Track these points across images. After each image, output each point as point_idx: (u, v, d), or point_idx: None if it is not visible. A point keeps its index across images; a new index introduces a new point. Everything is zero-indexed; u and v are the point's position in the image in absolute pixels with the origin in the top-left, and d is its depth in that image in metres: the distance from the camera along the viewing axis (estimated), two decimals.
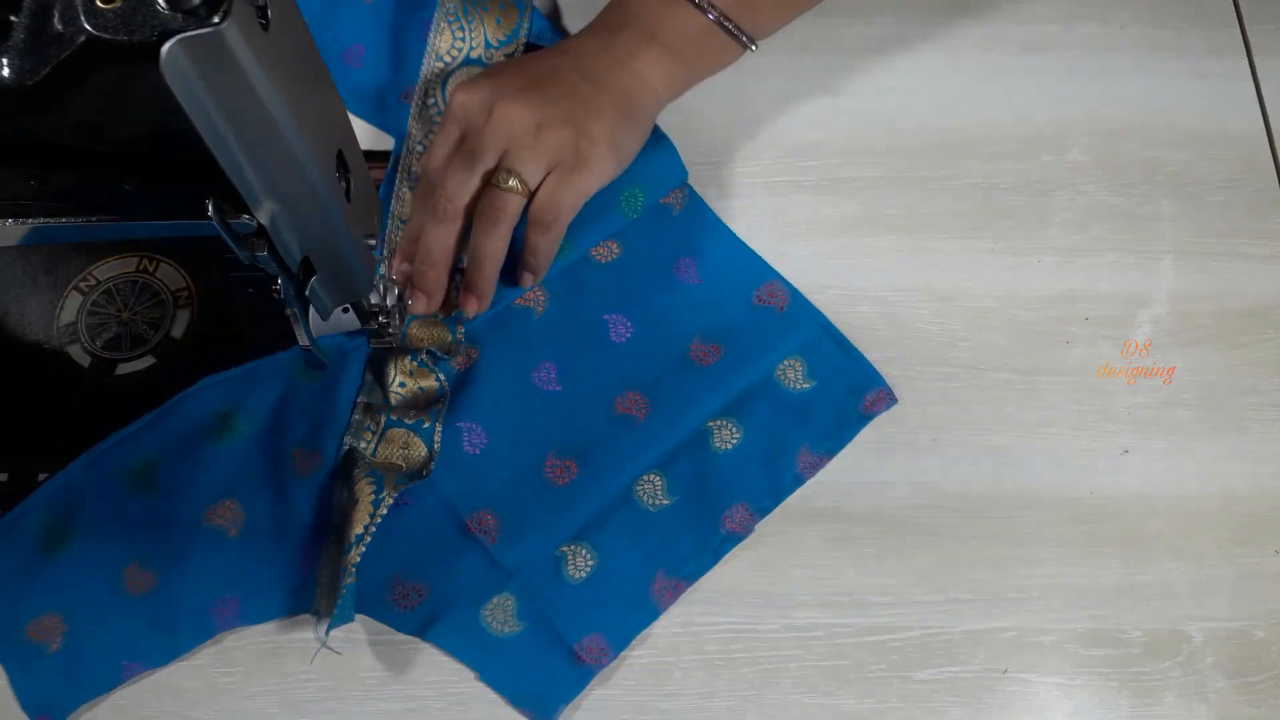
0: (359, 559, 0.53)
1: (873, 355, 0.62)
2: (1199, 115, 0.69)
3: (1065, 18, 0.72)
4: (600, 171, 0.57)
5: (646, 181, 0.63)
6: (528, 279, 0.60)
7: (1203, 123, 0.69)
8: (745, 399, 0.60)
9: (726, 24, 0.58)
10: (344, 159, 0.44)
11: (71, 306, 0.61)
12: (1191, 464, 0.61)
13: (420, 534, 0.58)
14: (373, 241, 0.51)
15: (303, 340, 0.55)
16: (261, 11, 0.32)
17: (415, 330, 0.61)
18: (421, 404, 0.59)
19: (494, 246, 0.56)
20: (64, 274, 0.62)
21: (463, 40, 0.65)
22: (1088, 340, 0.63)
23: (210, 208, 0.37)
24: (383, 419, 0.58)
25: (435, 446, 0.58)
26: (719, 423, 0.60)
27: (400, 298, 0.58)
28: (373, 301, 0.56)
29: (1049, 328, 0.63)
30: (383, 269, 0.56)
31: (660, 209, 0.64)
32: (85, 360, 0.60)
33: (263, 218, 0.39)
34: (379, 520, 0.54)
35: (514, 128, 0.54)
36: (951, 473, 0.60)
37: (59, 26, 0.29)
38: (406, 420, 0.58)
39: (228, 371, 0.59)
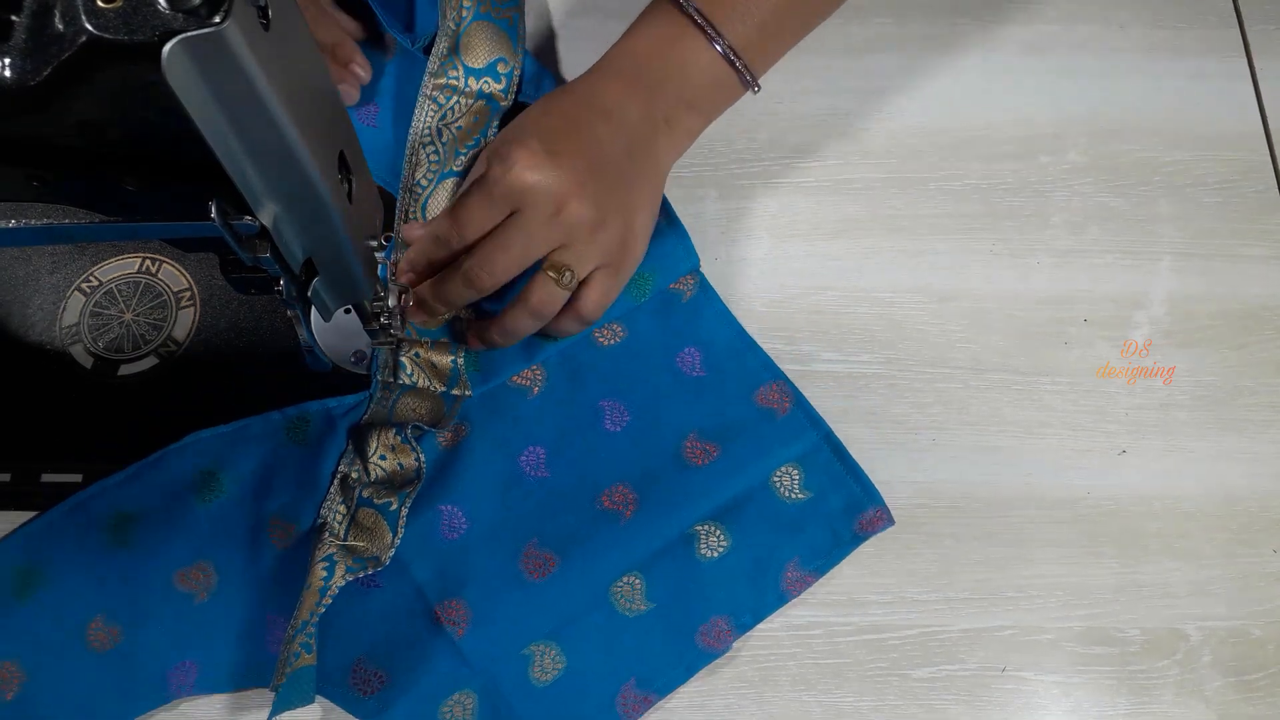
0: (299, 649, 0.52)
1: (872, 355, 0.62)
2: (1198, 116, 0.69)
3: (1065, 18, 0.72)
4: (638, 261, 0.59)
5: (657, 265, 0.62)
6: (560, 335, 0.60)
7: (1202, 124, 0.69)
8: (737, 505, 0.58)
9: (737, 64, 0.57)
10: (345, 160, 0.45)
11: (74, 307, 0.61)
12: (1189, 464, 0.61)
13: (388, 618, 0.56)
14: (374, 243, 0.51)
15: (304, 340, 0.55)
16: (262, 11, 0.32)
17: (409, 399, 0.59)
18: (397, 483, 0.58)
19: (528, 328, 0.57)
20: (66, 275, 0.62)
21: (469, 2, 0.65)
22: (1086, 341, 0.63)
23: (213, 209, 0.38)
24: (356, 493, 0.57)
25: (399, 532, 0.57)
26: (707, 528, 0.58)
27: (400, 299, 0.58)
28: (375, 303, 0.56)
29: (1048, 328, 0.64)
30: (386, 272, 0.56)
31: (669, 295, 0.63)
32: (87, 361, 0.60)
33: (265, 219, 0.39)
34: (323, 609, 0.53)
35: (576, 227, 0.54)
36: (951, 473, 0.60)
37: (60, 26, 0.29)
38: (376, 500, 0.57)
39: (216, 428, 0.58)
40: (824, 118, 0.69)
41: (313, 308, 0.50)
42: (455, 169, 0.63)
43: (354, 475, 0.57)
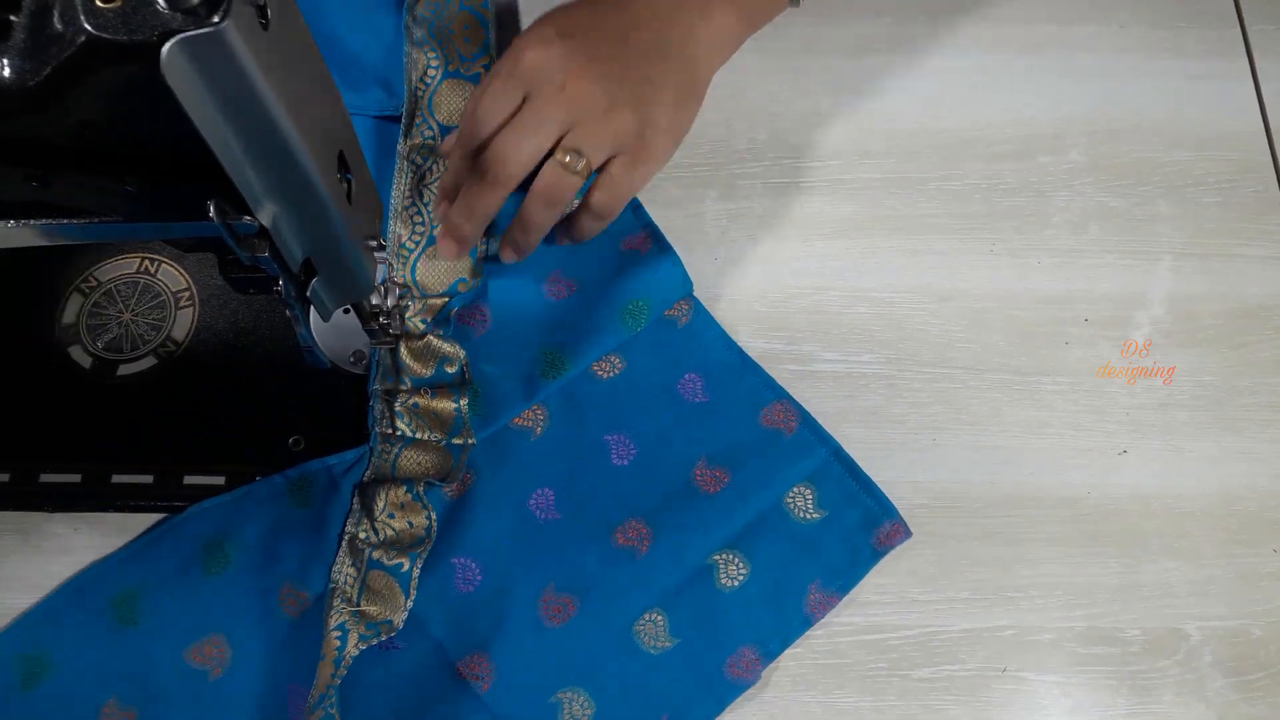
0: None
1: (872, 355, 0.62)
2: (1198, 116, 0.69)
3: (1065, 18, 0.72)
4: (660, 159, 0.55)
5: (651, 293, 0.61)
6: (563, 241, 0.59)
7: (1201, 123, 0.69)
8: (752, 530, 0.57)
9: None
10: (345, 159, 0.45)
11: (73, 308, 0.61)
12: (1189, 464, 0.61)
13: (410, 679, 0.55)
14: (374, 243, 0.51)
15: (303, 340, 0.55)
16: (261, 11, 0.32)
17: (412, 453, 0.58)
18: (405, 543, 0.57)
19: (548, 220, 0.55)
20: (65, 275, 0.62)
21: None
22: (1086, 341, 0.63)
23: (212, 208, 0.38)
24: (366, 555, 0.56)
25: (412, 594, 0.55)
26: (724, 556, 0.57)
27: (399, 297, 0.57)
28: (374, 303, 0.56)
29: (1048, 328, 0.63)
30: (385, 271, 0.56)
31: (664, 322, 0.62)
32: (86, 361, 0.60)
33: (264, 219, 0.39)
34: (339, 680, 0.52)
35: (585, 104, 0.52)
36: (951, 473, 0.60)
37: (59, 26, 0.29)
38: (386, 561, 0.56)
39: (218, 498, 0.57)
40: (824, 118, 0.69)
41: (312, 307, 0.50)
42: (455, 71, 0.63)
43: (362, 535, 0.56)
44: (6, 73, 0.30)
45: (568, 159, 0.52)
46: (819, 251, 0.65)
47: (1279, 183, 0.67)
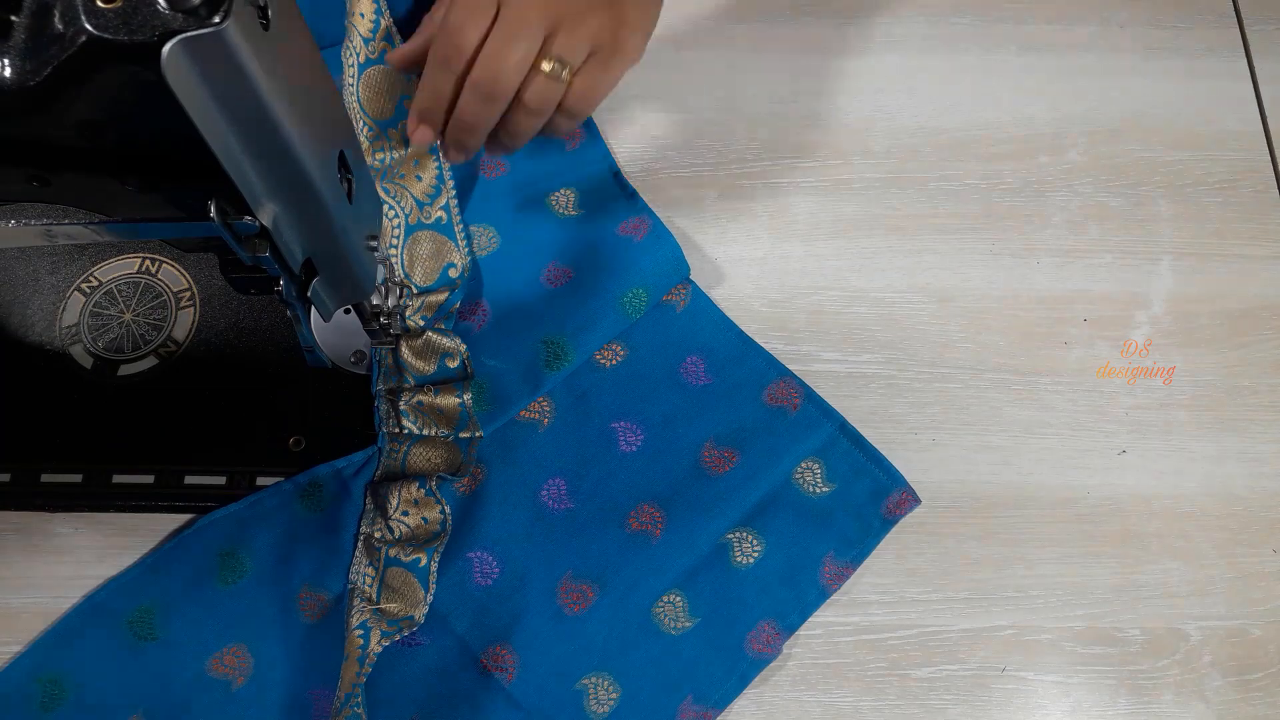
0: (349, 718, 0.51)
1: (872, 355, 0.62)
2: (1197, 116, 0.69)
3: (1065, 18, 0.72)
4: (632, 57, 0.55)
5: (649, 279, 0.62)
6: (555, 133, 0.58)
7: (1201, 123, 0.69)
8: (764, 507, 0.58)
9: None
10: (345, 160, 0.45)
11: (74, 308, 0.61)
12: (1189, 464, 0.61)
13: (435, 675, 0.55)
14: (374, 243, 0.51)
15: (304, 340, 0.55)
16: (262, 11, 0.32)
17: (421, 450, 0.59)
18: (421, 538, 0.57)
19: (532, 128, 0.55)
20: (66, 275, 0.62)
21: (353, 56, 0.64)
22: (1086, 341, 0.63)
23: (213, 208, 0.38)
24: (383, 553, 0.56)
25: (431, 588, 0.56)
26: (738, 535, 0.57)
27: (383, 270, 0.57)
28: (374, 303, 0.56)
29: (1047, 328, 0.63)
30: (384, 271, 0.56)
31: (663, 307, 0.63)
32: (87, 361, 0.60)
33: (265, 218, 0.39)
34: (364, 679, 0.52)
35: (562, 7, 0.52)
36: (951, 473, 0.60)
37: (60, 27, 0.29)
38: (404, 558, 0.56)
39: (227, 508, 0.57)
40: (824, 118, 0.69)
41: (312, 307, 0.50)
42: (423, 220, 0.63)
43: (377, 534, 0.56)
44: (7, 73, 0.30)
45: (551, 68, 0.52)
46: (819, 251, 0.65)
47: (1279, 183, 0.67)
